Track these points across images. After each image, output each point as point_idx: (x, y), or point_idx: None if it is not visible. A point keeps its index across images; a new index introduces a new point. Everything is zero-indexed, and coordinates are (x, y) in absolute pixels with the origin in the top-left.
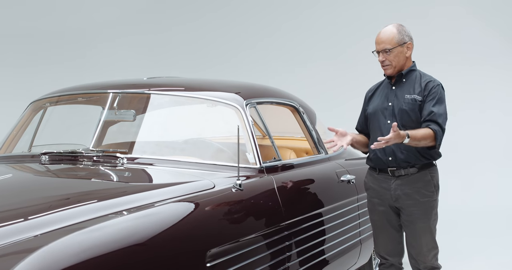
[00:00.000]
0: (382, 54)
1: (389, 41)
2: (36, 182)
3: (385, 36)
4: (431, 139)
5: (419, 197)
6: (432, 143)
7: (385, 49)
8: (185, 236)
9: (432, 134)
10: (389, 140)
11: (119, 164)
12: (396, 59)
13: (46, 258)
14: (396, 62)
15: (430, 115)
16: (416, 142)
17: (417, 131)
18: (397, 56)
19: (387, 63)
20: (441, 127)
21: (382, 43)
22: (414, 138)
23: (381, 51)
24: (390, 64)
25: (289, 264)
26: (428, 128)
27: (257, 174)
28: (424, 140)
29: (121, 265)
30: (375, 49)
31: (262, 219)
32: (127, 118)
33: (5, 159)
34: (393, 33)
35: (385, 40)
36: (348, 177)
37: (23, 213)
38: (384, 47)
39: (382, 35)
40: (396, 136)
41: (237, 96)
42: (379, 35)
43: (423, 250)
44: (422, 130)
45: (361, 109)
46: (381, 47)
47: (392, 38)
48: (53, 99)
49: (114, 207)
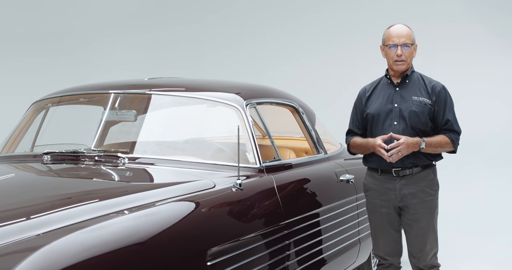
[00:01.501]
0: (401, 48)
1: (408, 37)
2: (38, 181)
3: (405, 32)
4: (449, 146)
5: (423, 196)
6: (451, 148)
7: (406, 44)
8: (186, 235)
9: (449, 141)
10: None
11: (121, 164)
12: (410, 57)
13: (48, 257)
14: (410, 60)
15: (447, 125)
16: (433, 148)
17: (433, 139)
18: (411, 54)
19: (403, 58)
20: (457, 133)
21: (403, 37)
22: (430, 145)
23: (401, 45)
24: (405, 60)
25: (289, 263)
26: (445, 136)
27: (257, 174)
28: (441, 147)
29: (122, 264)
30: (392, 43)
31: (262, 218)
32: (129, 118)
33: (7, 159)
34: (410, 31)
35: (406, 35)
36: (347, 176)
37: (25, 212)
38: (405, 41)
39: (401, 30)
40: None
41: (237, 97)
42: (396, 30)
43: (426, 249)
44: (438, 138)
45: (354, 110)
46: (402, 41)
47: (410, 35)
48: (55, 99)
49: (116, 206)
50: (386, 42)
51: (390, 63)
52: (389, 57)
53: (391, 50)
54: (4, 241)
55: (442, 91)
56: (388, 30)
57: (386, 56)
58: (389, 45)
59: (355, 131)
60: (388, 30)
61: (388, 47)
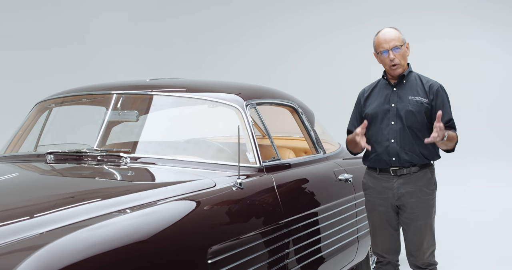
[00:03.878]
0: (392, 52)
1: (397, 39)
2: (41, 180)
3: (392, 35)
4: (455, 141)
5: (421, 195)
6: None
7: (396, 46)
8: (187, 233)
9: (456, 137)
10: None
11: (123, 163)
12: (404, 58)
13: (52, 255)
14: (404, 61)
15: (450, 123)
16: (448, 142)
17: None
18: (403, 55)
19: (397, 61)
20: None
21: (392, 41)
22: (449, 138)
23: (392, 49)
24: (399, 63)
25: (288, 261)
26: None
27: (257, 173)
28: (451, 142)
29: (125, 262)
30: (383, 49)
31: (262, 217)
32: (130, 118)
33: (11, 158)
34: (397, 33)
35: (394, 38)
36: (345, 175)
37: (29, 211)
38: (394, 44)
39: (388, 34)
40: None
41: (237, 97)
42: (384, 35)
43: (423, 247)
44: (453, 133)
45: (354, 110)
46: (392, 45)
47: (398, 36)
48: (58, 100)
49: (118, 205)
50: (377, 49)
51: (387, 68)
52: (385, 63)
53: (384, 56)
54: (8, 239)
55: (439, 90)
56: (377, 37)
57: (381, 63)
58: (381, 52)
59: (352, 130)
60: (376, 37)
61: (380, 54)
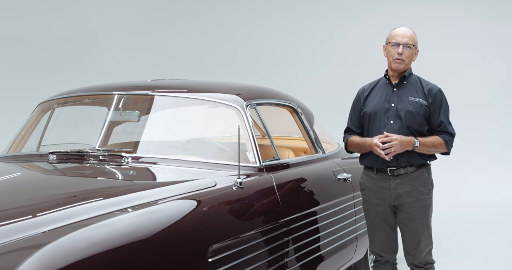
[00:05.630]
0: (403, 48)
1: (412, 39)
2: (44, 180)
3: (409, 33)
4: (442, 146)
5: (417, 195)
6: (444, 150)
7: (408, 45)
8: (188, 232)
9: (442, 142)
10: (393, 145)
11: (124, 163)
12: (409, 59)
13: (54, 253)
14: (409, 61)
15: (441, 127)
16: (426, 148)
17: (427, 139)
18: (411, 56)
19: (403, 57)
20: (451, 135)
21: (406, 38)
22: (424, 144)
23: (403, 45)
24: (404, 60)
25: (288, 260)
26: (439, 137)
27: (257, 173)
28: (435, 147)
29: (126, 260)
30: (395, 41)
31: (261, 216)
32: (132, 119)
33: (14, 158)
34: (414, 34)
35: (410, 36)
36: (344, 175)
37: (32, 210)
38: (407, 42)
39: (406, 31)
40: (400, 142)
41: (237, 98)
42: (401, 30)
43: (420, 246)
44: (432, 138)
45: (353, 108)
46: (405, 41)
47: (414, 37)
48: (61, 100)
49: (119, 205)
50: (390, 40)
51: (390, 61)
52: (390, 55)
53: (393, 48)
54: (11, 238)
55: (438, 93)
56: (394, 30)
57: (387, 55)
58: (392, 43)
59: (353, 129)
60: (393, 30)
61: (390, 45)
